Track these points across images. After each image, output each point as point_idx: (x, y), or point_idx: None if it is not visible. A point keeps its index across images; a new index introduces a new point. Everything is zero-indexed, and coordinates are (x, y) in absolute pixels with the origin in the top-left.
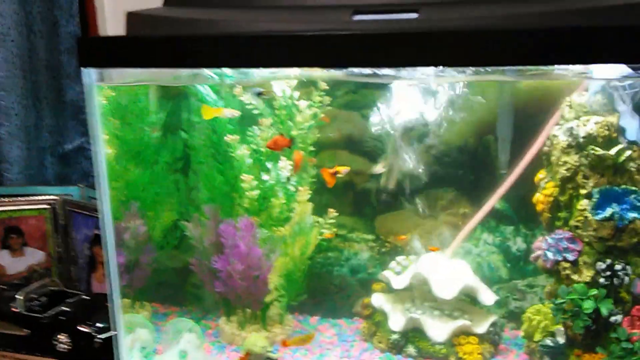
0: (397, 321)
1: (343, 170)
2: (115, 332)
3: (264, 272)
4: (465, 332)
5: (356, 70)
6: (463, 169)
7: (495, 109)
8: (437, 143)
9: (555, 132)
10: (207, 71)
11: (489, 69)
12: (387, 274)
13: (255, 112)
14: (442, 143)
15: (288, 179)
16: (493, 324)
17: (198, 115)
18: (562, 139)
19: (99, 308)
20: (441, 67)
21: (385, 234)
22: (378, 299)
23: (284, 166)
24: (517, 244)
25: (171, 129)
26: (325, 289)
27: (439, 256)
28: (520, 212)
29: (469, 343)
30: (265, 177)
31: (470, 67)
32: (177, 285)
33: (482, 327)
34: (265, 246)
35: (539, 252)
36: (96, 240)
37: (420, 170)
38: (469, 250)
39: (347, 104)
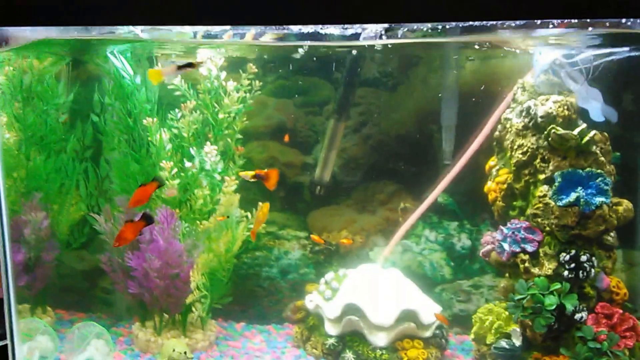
0: (333, 324)
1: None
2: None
3: (184, 269)
4: (409, 336)
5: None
6: (403, 160)
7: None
8: (375, 132)
9: (508, 115)
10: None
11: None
12: (315, 297)
13: (178, 93)
14: (382, 132)
15: (213, 167)
16: (439, 327)
17: (111, 97)
18: (517, 121)
19: None
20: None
21: (318, 231)
22: (312, 301)
23: (210, 152)
24: (462, 241)
25: (80, 112)
26: (252, 292)
27: (371, 271)
28: (465, 207)
29: (414, 347)
30: (187, 164)
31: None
32: (85, 288)
33: (427, 330)
34: (187, 241)
35: (489, 247)
36: None
37: (358, 161)
38: (409, 248)
39: (279, 90)
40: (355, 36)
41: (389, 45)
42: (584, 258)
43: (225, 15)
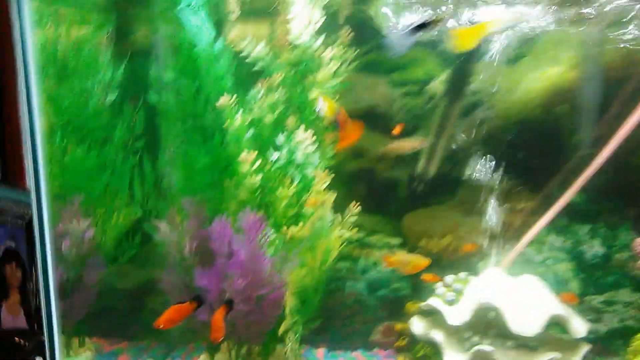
0: (456, 356)
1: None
2: None
3: (275, 289)
4: None
5: None
6: (525, 149)
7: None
8: (491, 115)
9: None
10: None
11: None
12: (434, 302)
13: (260, 66)
14: (499, 116)
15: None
16: (585, 357)
17: (173, 70)
18: None
19: (10, 350)
20: None
21: (416, 237)
22: (420, 325)
23: (305, 139)
24: (594, 249)
25: (131, 91)
26: (334, 311)
27: (500, 273)
28: (600, 206)
29: None
30: (274, 155)
31: None
32: (129, 310)
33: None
34: (277, 253)
35: None
36: (6, 256)
37: (467, 151)
38: (529, 258)
39: (370, 65)
40: None
41: None
42: None
43: None
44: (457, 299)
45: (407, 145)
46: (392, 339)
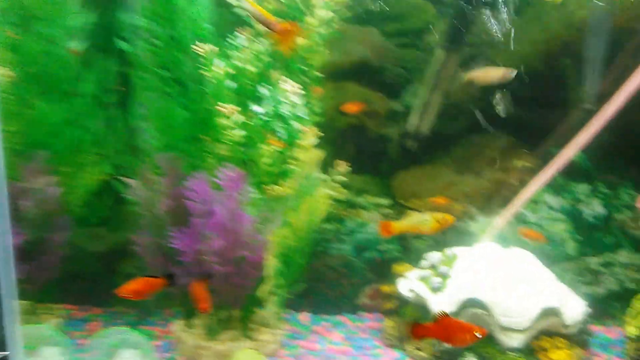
0: None
1: None
2: (7, 353)
3: (255, 250)
4: (550, 332)
5: None
6: (524, 104)
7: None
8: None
9: None
10: None
11: None
12: (419, 287)
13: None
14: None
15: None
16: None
17: (146, 16)
18: None
19: None
20: None
21: (406, 197)
22: (408, 286)
23: (291, 90)
24: (593, 208)
25: (101, 39)
26: (319, 274)
27: (492, 252)
28: (600, 164)
29: (557, 347)
30: (257, 108)
31: None
32: (102, 275)
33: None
34: (258, 213)
35: None
36: None
37: (462, 106)
38: (523, 218)
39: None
40: None
41: None
42: None
43: None
44: (443, 284)
45: (494, 74)
46: (380, 302)
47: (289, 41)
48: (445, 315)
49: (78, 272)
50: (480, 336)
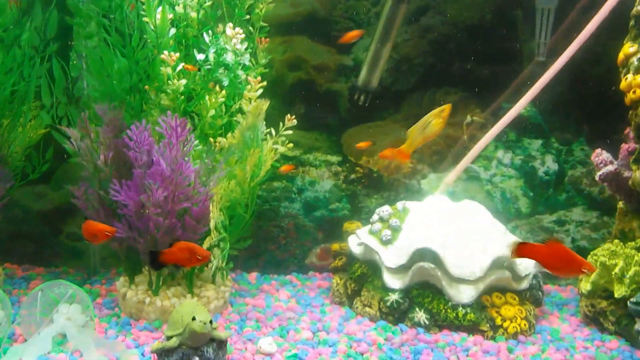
0: (396, 274)
1: None
2: None
3: (199, 202)
4: (500, 288)
5: None
6: (474, 58)
7: None
8: (437, 21)
9: None
10: None
11: None
12: (369, 240)
13: None
14: (447, 22)
15: (236, 57)
16: (534, 276)
17: None
18: None
19: None
20: None
21: (356, 154)
22: (358, 243)
23: (234, 36)
24: (547, 165)
25: None
26: (267, 233)
27: (443, 205)
28: (553, 119)
29: (508, 304)
30: (199, 56)
31: None
32: (44, 234)
33: (524, 281)
34: (202, 163)
35: (610, 168)
36: None
37: (412, 61)
38: (475, 175)
39: None
40: None
41: None
42: None
43: None
44: (394, 237)
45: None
46: (329, 262)
47: None
48: (556, 241)
49: (20, 231)
50: (588, 272)
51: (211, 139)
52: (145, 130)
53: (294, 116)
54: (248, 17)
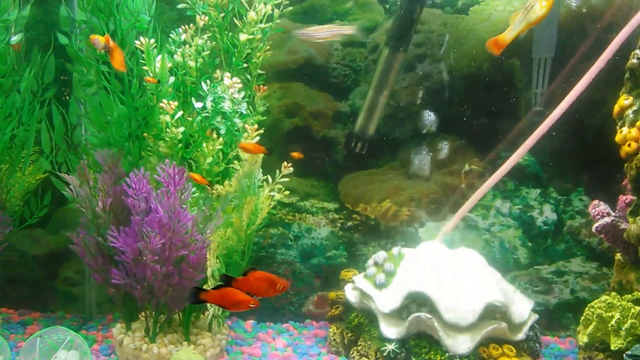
0: (392, 324)
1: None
2: None
3: (196, 250)
4: (497, 339)
5: None
6: (472, 106)
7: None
8: (435, 69)
9: None
10: None
11: None
12: (363, 284)
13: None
14: (445, 70)
15: (233, 106)
16: (531, 327)
17: (84, 9)
18: None
19: None
20: None
21: (353, 202)
22: (354, 291)
23: (232, 86)
24: (545, 215)
25: (39, 33)
26: None
27: (438, 251)
28: (551, 169)
29: (505, 355)
30: (197, 104)
31: None
32: (40, 279)
33: (520, 331)
34: (200, 211)
35: (607, 219)
36: None
37: (409, 109)
38: (473, 224)
39: (307, 12)
40: None
41: None
42: None
43: None
44: (388, 281)
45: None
46: (326, 310)
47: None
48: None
49: (17, 275)
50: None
51: (207, 185)
52: (143, 177)
53: (290, 164)
54: (246, 65)
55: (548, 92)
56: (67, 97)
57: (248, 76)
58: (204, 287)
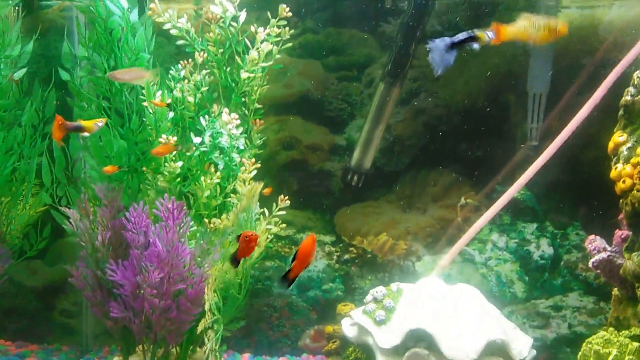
0: (391, 359)
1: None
2: None
3: (194, 284)
4: None
5: None
6: (467, 141)
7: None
8: (431, 104)
9: None
10: None
11: None
12: (363, 320)
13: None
14: (438, 104)
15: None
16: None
17: (86, 45)
18: None
19: None
20: None
21: (349, 235)
22: (352, 326)
23: (230, 122)
24: (542, 249)
25: (41, 69)
26: (260, 313)
27: (436, 287)
28: (548, 203)
29: None
30: (196, 139)
31: None
32: (38, 311)
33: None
34: (197, 245)
35: (604, 255)
36: None
37: (405, 142)
38: (470, 258)
39: (304, 47)
40: None
41: None
42: None
43: None
44: (387, 317)
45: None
46: (323, 344)
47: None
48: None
49: (15, 307)
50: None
51: (206, 220)
52: (142, 212)
53: (287, 197)
54: (244, 99)
55: (543, 126)
56: None
57: (245, 110)
58: (201, 321)
